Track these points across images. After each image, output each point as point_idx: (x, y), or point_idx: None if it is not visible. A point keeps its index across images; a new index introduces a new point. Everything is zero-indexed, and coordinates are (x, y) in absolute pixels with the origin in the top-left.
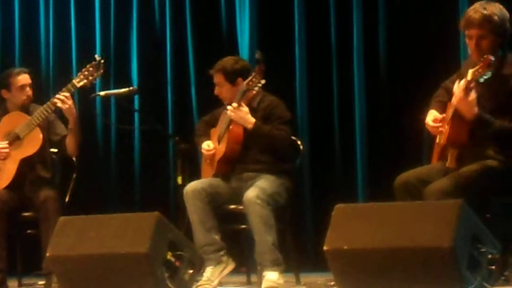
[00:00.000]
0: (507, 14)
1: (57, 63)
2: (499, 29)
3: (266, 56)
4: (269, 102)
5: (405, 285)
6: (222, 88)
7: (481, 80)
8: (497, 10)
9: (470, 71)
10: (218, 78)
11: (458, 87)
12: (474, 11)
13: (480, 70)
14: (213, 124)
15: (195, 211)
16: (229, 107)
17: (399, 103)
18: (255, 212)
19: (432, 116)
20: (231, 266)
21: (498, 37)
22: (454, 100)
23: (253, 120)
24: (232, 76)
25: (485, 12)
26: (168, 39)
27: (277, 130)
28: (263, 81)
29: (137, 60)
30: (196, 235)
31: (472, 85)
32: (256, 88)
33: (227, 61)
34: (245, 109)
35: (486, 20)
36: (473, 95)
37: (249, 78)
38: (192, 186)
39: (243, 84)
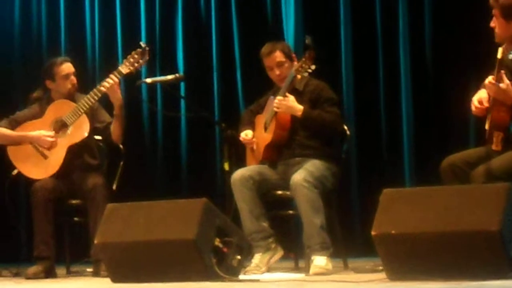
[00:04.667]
0: None
1: (102, 52)
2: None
3: (313, 40)
4: (315, 85)
5: (453, 269)
6: (282, 67)
7: (510, 56)
8: None
9: (500, 49)
10: (279, 57)
11: (487, 81)
12: None
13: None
14: (258, 111)
15: (243, 199)
16: (275, 101)
17: (445, 86)
18: (303, 195)
19: (478, 96)
20: (279, 253)
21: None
22: (489, 91)
23: (301, 107)
24: (291, 55)
25: None
26: (213, 25)
27: (326, 113)
28: (313, 67)
29: (183, 47)
30: (245, 223)
31: (501, 74)
32: (306, 74)
33: (280, 42)
34: (291, 97)
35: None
36: (505, 81)
37: (299, 64)
38: (239, 174)
39: (292, 69)
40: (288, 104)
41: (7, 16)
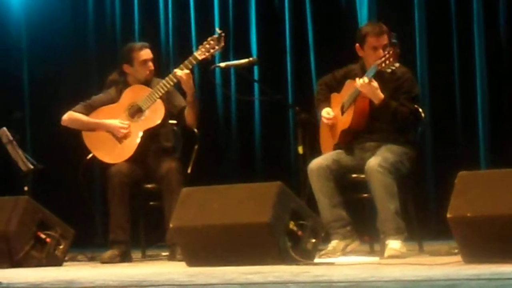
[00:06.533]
0: None
1: (176, 37)
2: None
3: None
4: (400, 74)
5: None
6: (385, 51)
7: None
8: None
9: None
10: (386, 40)
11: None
12: None
13: None
14: (333, 86)
15: (320, 188)
16: (359, 80)
17: None
18: (378, 180)
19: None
20: (356, 243)
21: None
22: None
23: (382, 96)
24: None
25: None
26: (286, 9)
27: (402, 107)
28: (397, 65)
29: (256, 31)
30: (323, 212)
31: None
32: (389, 70)
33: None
34: (375, 84)
35: None
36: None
37: (383, 59)
38: (316, 163)
39: (376, 62)
40: (372, 88)
41: (81, 1)
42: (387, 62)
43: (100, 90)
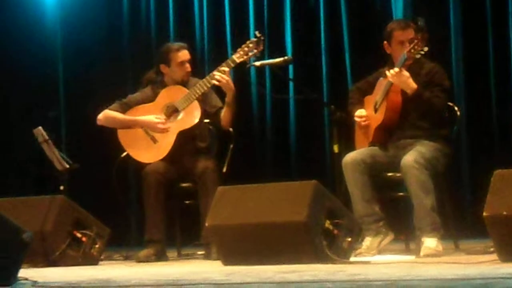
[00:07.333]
0: None
1: (211, 36)
2: None
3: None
4: (430, 68)
5: None
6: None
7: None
8: None
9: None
10: (412, 34)
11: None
12: None
13: None
14: (366, 90)
15: (354, 183)
16: (390, 71)
17: None
18: (413, 177)
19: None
20: (390, 237)
21: None
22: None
23: (414, 85)
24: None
25: None
26: (321, 7)
27: (435, 98)
28: (426, 49)
29: (291, 29)
30: (356, 206)
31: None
32: (418, 56)
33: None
34: (406, 73)
35: None
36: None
37: (411, 46)
38: (351, 157)
39: (404, 51)
40: (403, 78)
41: (117, 1)
42: (416, 47)
43: (135, 89)
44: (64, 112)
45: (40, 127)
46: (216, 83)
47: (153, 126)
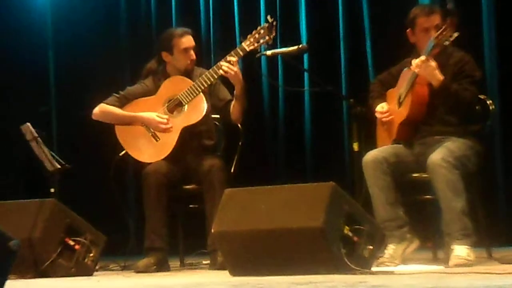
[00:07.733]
0: None
1: (218, 24)
2: None
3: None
4: (459, 58)
5: None
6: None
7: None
8: None
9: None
10: (438, 20)
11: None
12: None
13: None
14: (389, 83)
15: (376, 183)
16: (414, 61)
17: None
18: (441, 176)
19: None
20: (415, 243)
21: None
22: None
23: (441, 77)
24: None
25: None
26: None
27: (464, 91)
28: (455, 34)
29: (306, 15)
30: (378, 210)
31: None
32: (447, 42)
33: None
34: (433, 63)
35: None
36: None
37: (439, 31)
38: (372, 155)
39: (431, 38)
40: (429, 68)
41: None
42: (444, 33)
43: (134, 81)
44: (55, 107)
45: (28, 123)
46: (224, 74)
47: (154, 125)
